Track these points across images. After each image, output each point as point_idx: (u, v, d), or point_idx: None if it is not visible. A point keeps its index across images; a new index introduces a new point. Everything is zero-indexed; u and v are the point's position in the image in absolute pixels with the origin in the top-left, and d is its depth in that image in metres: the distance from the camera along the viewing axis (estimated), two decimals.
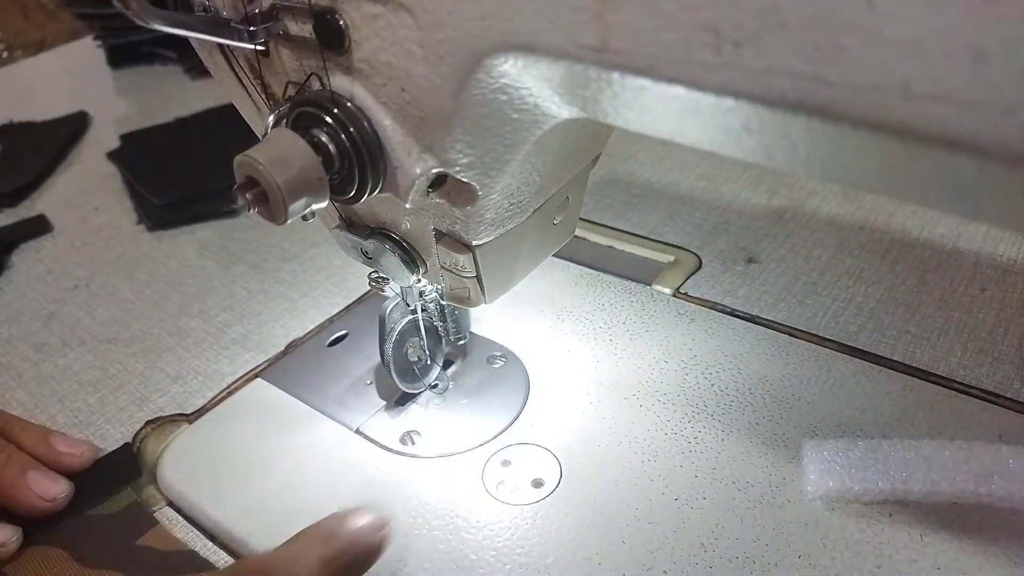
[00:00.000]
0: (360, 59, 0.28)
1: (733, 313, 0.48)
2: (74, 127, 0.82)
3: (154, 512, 0.40)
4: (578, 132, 0.32)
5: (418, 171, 0.29)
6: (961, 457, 0.36)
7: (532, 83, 0.25)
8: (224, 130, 0.75)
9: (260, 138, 0.30)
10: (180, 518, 0.40)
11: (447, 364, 0.45)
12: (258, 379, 0.47)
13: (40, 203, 0.71)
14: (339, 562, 0.32)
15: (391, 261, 0.36)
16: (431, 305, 0.41)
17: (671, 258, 0.54)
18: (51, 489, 0.39)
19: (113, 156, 0.76)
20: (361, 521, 0.33)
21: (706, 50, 0.19)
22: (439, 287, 0.37)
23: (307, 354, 0.49)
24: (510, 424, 0.42)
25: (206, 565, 0.37)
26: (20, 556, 0.37)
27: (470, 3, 0.23)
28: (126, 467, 0.42)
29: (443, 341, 0.44)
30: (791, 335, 0.46)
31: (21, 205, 0.70)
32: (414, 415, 0.43)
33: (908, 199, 0.22)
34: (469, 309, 0.41)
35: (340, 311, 0.53)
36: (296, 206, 0.27)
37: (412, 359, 0.43)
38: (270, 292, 0.56)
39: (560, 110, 0.27)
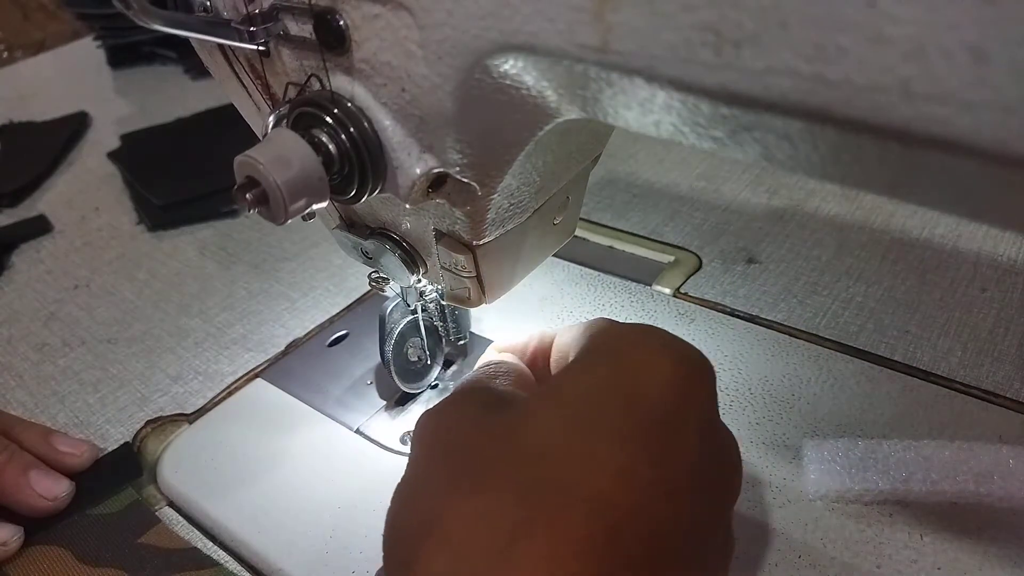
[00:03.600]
0: (360, 59, 0.28)
1: (733, 313, 0.48)
2: (74, 127, 0.82)
3: (155, 511, 0.40)
4: (578, 132, 0.32)
5: (418, 171, 0.29)
6: (961, 457, 0.36)
7: (532, 83, 0.25)
8: (224, 130, 0.75)
9: (260, 138, 0.30)
10: (180, 518, 0.40)
11: (447, 364, 0.45)
12: (258, 379, 0.47)
13: (40, 203, 0.71)
14: None
15: (391, 261, 0.36)
16: (431, 305, 0.41)
17: (671, 258, 0.54)
18: (53, 488, 0.39)
19: (113, 156, 0.76)
20: None
21: (706, 50, 0.19)
22: (439, 287, 0.37)
23: (307, 354, 0.49)
24: None
25: (209, 562, 0.37)
26: (21, 555, 0.38)
27: (470, 3, 0.23)
28: (126, 466, 0.42)
29: (443, 341, 0.44)
30: (791, 335, 0.46)
31: (21, 205, 0.71)
32: (414, 415, 0.43)
33: (908, 199, 0.22)
34: (469, 309, 0.41)
35: (340, 311, 0.53)
36: (296, 206, 0.27)
37: (412, 359, 0.43)
38: (270, 292, 0.56)
39: (560, 110, 0.27)
